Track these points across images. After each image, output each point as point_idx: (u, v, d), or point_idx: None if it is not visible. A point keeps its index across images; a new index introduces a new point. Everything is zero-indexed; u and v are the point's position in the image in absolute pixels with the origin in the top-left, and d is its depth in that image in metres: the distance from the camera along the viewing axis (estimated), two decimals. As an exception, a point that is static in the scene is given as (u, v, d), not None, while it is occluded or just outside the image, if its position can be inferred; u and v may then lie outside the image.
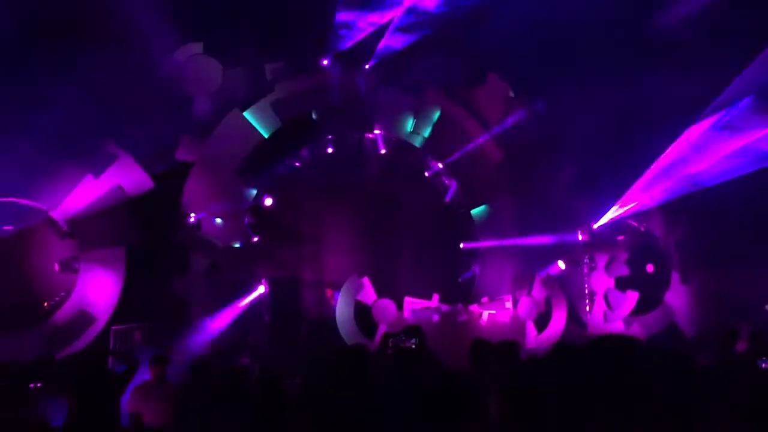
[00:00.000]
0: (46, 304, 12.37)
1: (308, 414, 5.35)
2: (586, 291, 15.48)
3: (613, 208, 15.56)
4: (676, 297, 16.15)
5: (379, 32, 13.99)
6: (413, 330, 8.05)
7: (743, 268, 14.98)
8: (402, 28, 13.91)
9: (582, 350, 4.12)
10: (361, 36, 13.85)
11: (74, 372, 6.97)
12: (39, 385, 10.71)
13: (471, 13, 13.28)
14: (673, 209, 16.05)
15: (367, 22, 13.52)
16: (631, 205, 15.51)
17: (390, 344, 8.59)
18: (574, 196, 15.61)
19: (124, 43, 11.36)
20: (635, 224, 16.54)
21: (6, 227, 12.15)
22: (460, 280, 15.46)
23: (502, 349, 6.70)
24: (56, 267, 12.42)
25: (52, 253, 12.46)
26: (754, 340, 7.30)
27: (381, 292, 13.51)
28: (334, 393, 5.41)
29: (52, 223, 12.33)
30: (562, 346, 7.51)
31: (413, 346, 7.32)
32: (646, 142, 14.55)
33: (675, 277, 16.32)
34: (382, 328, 12.94)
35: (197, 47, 13.05)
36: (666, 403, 3.76)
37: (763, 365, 7.39)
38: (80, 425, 6.18)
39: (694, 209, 15.81)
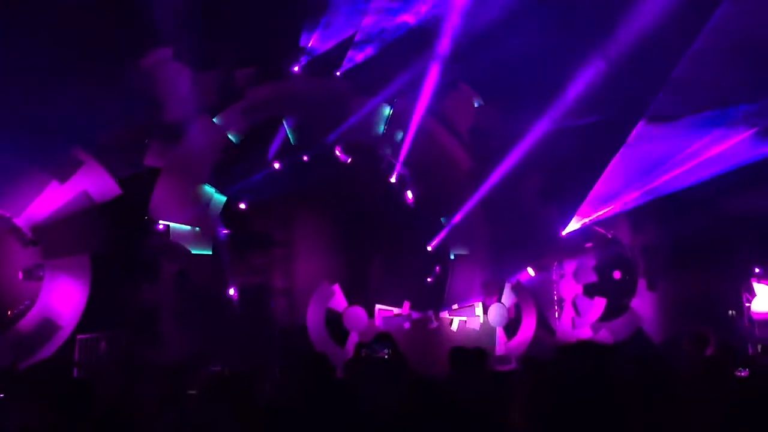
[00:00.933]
0: (9, 312, 12.09)
1: (278, 420, 5.29)
2: (555, 298, 15.64)
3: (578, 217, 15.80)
4: (643, 303, 16.39)
5: (350, 39, 14.03)
6: (385, 339, 8.04)
7: (708, 274, 15.29)
8: (373, 35, 13.97)
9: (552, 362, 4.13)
10: (332, 42, 13.87)
11: (36, 382, 6.79)
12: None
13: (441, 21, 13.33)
14: (639, 216, 16.33)
15: (338, 29, 13.54)
16: (600, 212, 15.75)
17: (363, 354, 8.58)
18: (542, 203, 15.80)
19: (91, 46, 11.19)
20: (603, 231, 16.77)
21: (-32, 234, 11.89)
22: (428, 280, 15.55)
23: (474, 358, 6.70)
24: (20, 275, 12.15)
25: (16, 260, 12.18)
26: (721, 348, 7.41)
27: (352, 300, 13.47)
28: (304, 400, 5.37)
29: (15, 230, 12.05)
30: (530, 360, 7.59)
31: (386, 356, 7.33)
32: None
33: (641, 283, 16.57)
34: (353, 336, 12.90)
35: (167, 52, 12.91)
36: (644, 408, 3.79)
37: (740, 374, 7.53)
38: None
39: (659, 215, 16.10)
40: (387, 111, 14.75)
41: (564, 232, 16.10)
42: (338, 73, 14.48)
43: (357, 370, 6.99)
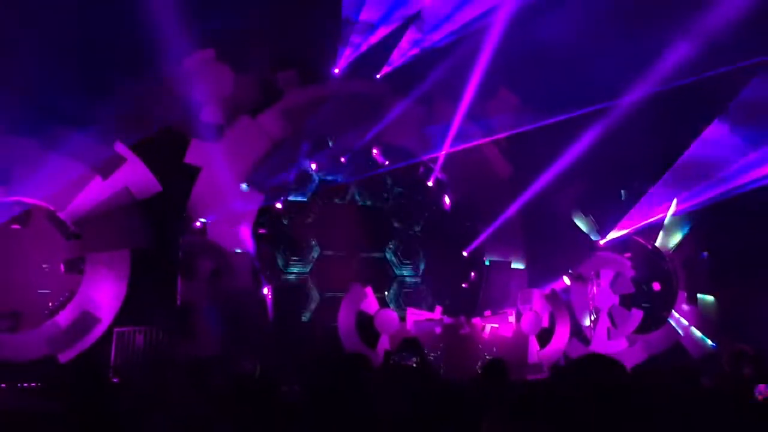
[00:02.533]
0: (50, 303, 12.41)
1: (305, 422, 5.33)
2: (591, 308, 15.41)
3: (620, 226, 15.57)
4: (682, 316, 16.07)
5: (391, 43, 14.06)
6: (414, 347, 8.05)
7: (749, 288, 14.90)
8: (414, 40, 13.98)
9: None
10: (372, 46, 13.91)
11: (71, 378, 6.96)
12: (39, 384, 10.82)
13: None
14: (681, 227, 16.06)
15: (378, 33, 13.58)
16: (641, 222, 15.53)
17: (391, 362, 8.61)
18: (580, 211, 15.62)
19: (137, 50, 11.40)
20: (642, 241, 16.49)
21: (13, 226, 12.22)
22: (463, 286, 15.50)
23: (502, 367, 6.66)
24: (62, 267, 12.47)
25: (59, 253, 12.51)
26: (757, 364, 7.22)
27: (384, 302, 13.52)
28: (333, 403, 5.38)
29: (59, 223, 12.39)
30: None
31: (414, 365, 7.33)
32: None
33: (681, 296, 16.25)
34: (383, 339, 12.92)
35: (209, 53, 13.12)
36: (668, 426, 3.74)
37: (760, 390, 7.32)
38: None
39: (702, 228, 15.79)
40: (427, 115, 14.76)
41: (602, 242, 15.89)
42: (378, 76, 14.51)
43: (384, 377, 7.01)
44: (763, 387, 10.76)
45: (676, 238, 16.29)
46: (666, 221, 16.05)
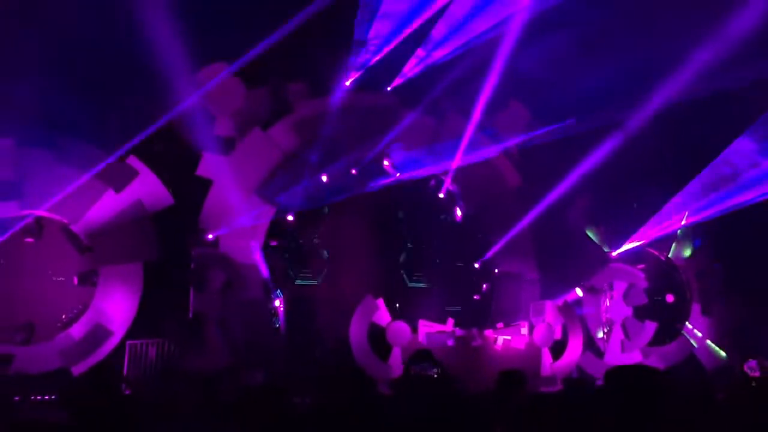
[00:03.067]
0: (63, 316, 12.47)
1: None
2: (604, 319, 15.31)
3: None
4: (697, 328, 15.94)
5: (402, 56, 14.09)
6: (431, 358, 8.03)
7: (764, 299, 14.77)
8: (424, 53, 14.00)
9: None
10: (383, 58, 13.93)
11: (84, 390, 6.98)
12: (52, 397, 10.84)
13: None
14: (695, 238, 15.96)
15: (389, 45, 13.60)
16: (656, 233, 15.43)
17: (412, 372, 8.59)
18: (593, 223, 15.56)
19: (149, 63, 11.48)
20: (656, 253, 16.39)
21: (27, 239, 12.30)
22: (474, 297, 15.46)
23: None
24: (75, 280, 12.54)
25: (72, 265, 12.58)
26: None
27: (396, 314, 13.46)
28: (344, 416, 5.36)
29: (72, 236, 12.47)
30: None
31: (435, 375, 7.33)
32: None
33: (695, 308, 16.12)
34: (396, 351, 12.88)
35: (221, 66, 13.18)
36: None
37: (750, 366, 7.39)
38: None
39: (716, 239, 15.69)
40: (437, 127, 14.78)
41: (615, 253, 15.79)
42: (389, 89, 14.54)
43: (406, 387, 7.00)
44: (753, 363, 10.65)
45: (689, 248, 16.21)
46: (679, 232, 15.97)
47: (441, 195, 15.47)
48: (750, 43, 11.39)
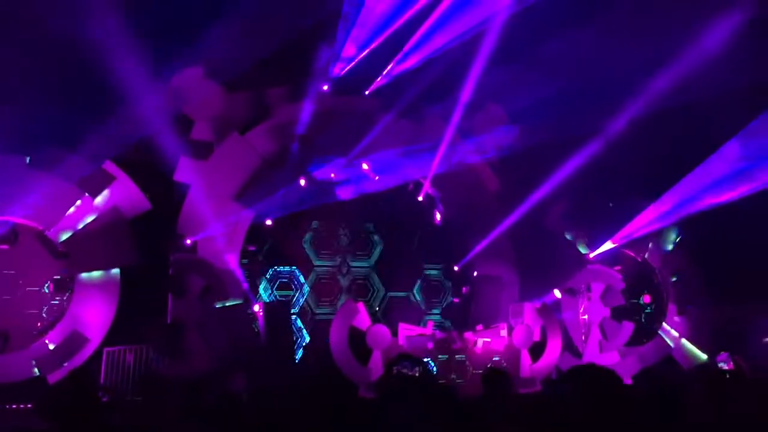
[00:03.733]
0: (39, 324, 12.31)
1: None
2: (582, 320, 15.43)
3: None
4: (673, 328, 16.13)
5: (380, 58, 14.10)
6: (413, 358, 8.06)
7: (739, 299, 14.99)
8: (402, 56, 14.03)
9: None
10: (361, 62, 13.94)
11: (62, 398, 6.90)
12: (28, 405, 10.69)
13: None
14: (670, 239, 16.15)
15: (367, 49, 13.62)
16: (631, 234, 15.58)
17: (394, 371, 8.60)
18: (570, 226, 15.68)
19: (123, 65, 11.37)
20: (632, 254, 16.56)
21: (2, 246, 12.13)
22: (454, 301, 15.53)
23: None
24: (50, 287, 12.38)
25: (47, 272, 12.43)
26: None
27: (376, 318, 13.47)
28: (326, 420, 5.37)
29: (47, 242, 12.32)
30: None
31: (417, 375, 7.36)
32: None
33: (671, 308, 16.31)
34: (376, 354, 12.87)
35: (198, 71, 13.10)
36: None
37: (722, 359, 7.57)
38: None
39: (691, 239, 15.88)
40: (415, 130, 14.81)
41: (592, 255, 15.93)
42: (367, 92, 14.55)
43: (389, 387, 7.00)
44: (724, 356, 10.82)
45: (671, 242, 16.40)
46: (656, 233, 16.14)
47: (420, 198, 15.50)
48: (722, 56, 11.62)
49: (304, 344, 14.16)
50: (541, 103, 13.49)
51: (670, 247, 16.55)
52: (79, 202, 12.27)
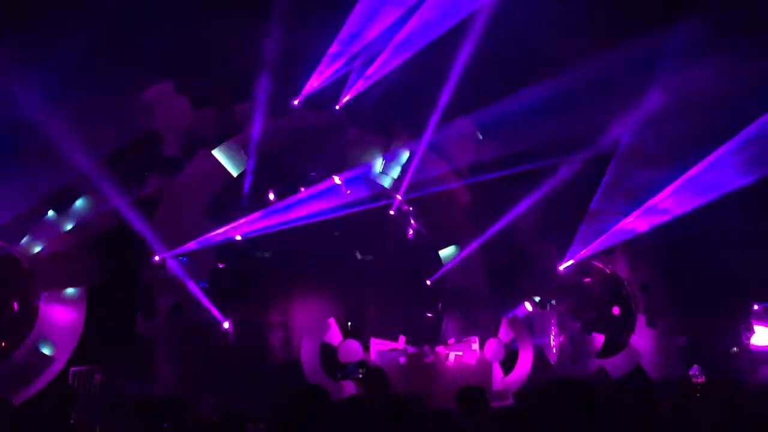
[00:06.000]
0: (3, 343, 12.06)
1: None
2: (553, 333, 15.52)
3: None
4: (642, 340, 16.29)
5: (349, 74, 14.13)
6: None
7: (707, 310, 15.22)
8: (373, 69, 14.06)
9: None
10: (330, 77, 13.96)
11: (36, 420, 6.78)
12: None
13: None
14: (638, 251, 16.33)
15: (336, 64, 13.64)
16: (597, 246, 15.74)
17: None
18: (540, 239, 15.80)
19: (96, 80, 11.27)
20: (601, 266, 16.74)
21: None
22: (428, 315, 15.54)
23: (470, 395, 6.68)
24: (15, 305, 12.15)
25: (12, 290, 12.20)
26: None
27: (347, 333, 13.40)
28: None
29: (12, 260, 12.09)
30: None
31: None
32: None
33: (641, 320, 16.48)
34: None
35: (167, 86, 13.02)
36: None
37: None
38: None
39: (658, 251, 16.08)
40: (385, 145, 14.88)
41: (562, 267, 16.06)
42: (337, 107, 14.55)
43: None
44: (696, 369, 11.01)
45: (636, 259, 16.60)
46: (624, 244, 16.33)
47: (391, 212, 15.51)
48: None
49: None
50: (513, 115, 13.67)
51: (638, 258, 16.74)
52: (45, 219, 12.07)
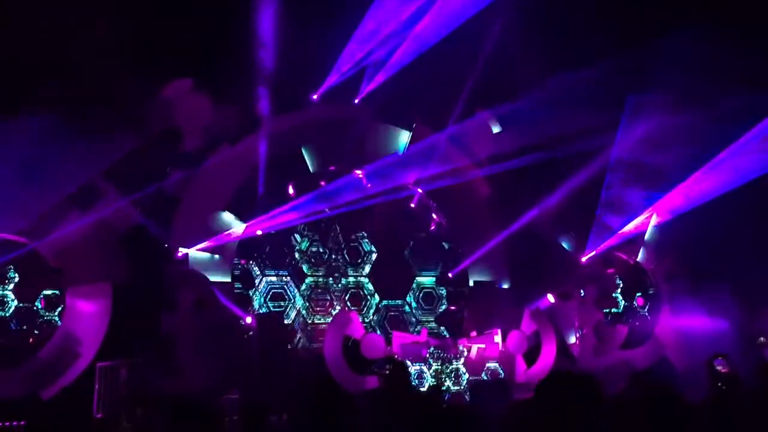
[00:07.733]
0: (31, 339, 12.22)
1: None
2: (576, 325, 15.43)
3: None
4: (667, 331, 16.13)
5: (368, 68, 14.11)
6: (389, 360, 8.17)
7: (733, 300, 15.04)
8: (390, 64, 14.04)
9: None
10: (349, 71, 13.94)
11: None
12: (23, 423, 10.61)
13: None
14: (662, 241, 16.19)
15: (355, 58, 13.63)
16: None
17: (372, 371, 8.67)
18: (562, 230, 15.70)
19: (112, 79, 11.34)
20: (624, 257, 16.58)
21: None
22: (451, 308, 15.52)
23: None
24: (42, 302, 12.31)
25: (38, 287, 12.35)
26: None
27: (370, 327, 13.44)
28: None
29: (38, 257, 12.23)
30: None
31: (387, 372, 7.62)
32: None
33: (665, 310, 16.32)
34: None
35: (187, 83, 13.07)
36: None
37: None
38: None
39: (683, 241, 15.90)
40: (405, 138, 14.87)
41: (585, 258, 15.94)
42: (356, 101, 14.54)
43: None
44: (721, 360, 10.89)
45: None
46: (647, 235, 16.20)
47: (412, 205, 15.49)
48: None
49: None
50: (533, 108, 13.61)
51: (662, 248, 16.58)
52: (69, 217, 12.19)
